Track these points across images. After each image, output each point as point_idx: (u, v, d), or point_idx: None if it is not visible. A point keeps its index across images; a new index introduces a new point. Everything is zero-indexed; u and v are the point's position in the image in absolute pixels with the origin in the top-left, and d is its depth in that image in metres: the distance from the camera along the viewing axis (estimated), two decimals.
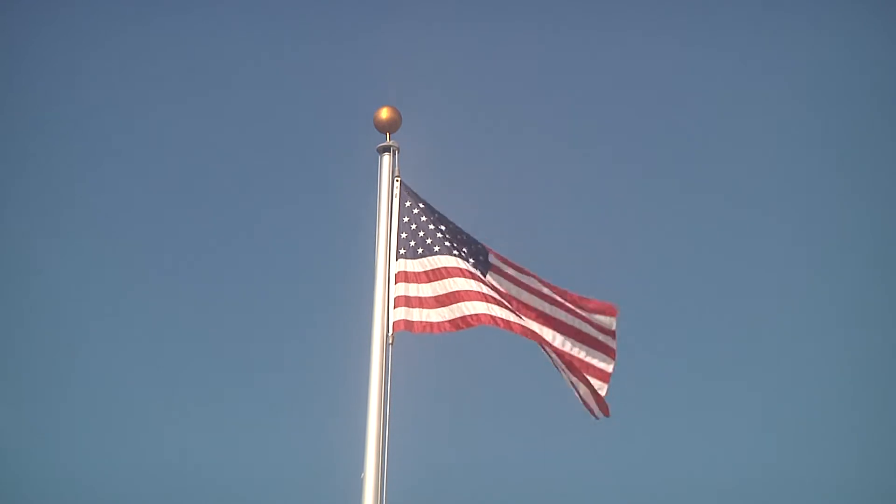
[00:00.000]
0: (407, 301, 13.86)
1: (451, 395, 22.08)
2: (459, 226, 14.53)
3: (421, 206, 14.38)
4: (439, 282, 14.06)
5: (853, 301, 28.31)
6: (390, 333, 13.63)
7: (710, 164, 30.68)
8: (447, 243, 14.26)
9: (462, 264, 14.15)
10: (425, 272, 14.10)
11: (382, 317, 13.70)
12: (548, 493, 24.48)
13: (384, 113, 14.54)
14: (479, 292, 13.95)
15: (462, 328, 13.90)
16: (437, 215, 14.41)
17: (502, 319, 13.81)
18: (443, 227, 14.35)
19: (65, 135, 29.87)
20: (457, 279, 14.06)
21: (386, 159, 14.44)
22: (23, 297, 27.35)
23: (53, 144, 29.46)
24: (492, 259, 14.43)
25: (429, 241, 14.25)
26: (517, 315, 13.96)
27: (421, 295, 13.97)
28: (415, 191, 14.45)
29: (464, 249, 14.33)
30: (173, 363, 27.60)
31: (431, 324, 13.89)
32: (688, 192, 30.68)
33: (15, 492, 24.14)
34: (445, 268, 14.12)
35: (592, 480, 25.38)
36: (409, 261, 14.12)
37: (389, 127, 14.51)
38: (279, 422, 26.06)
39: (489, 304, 13.89)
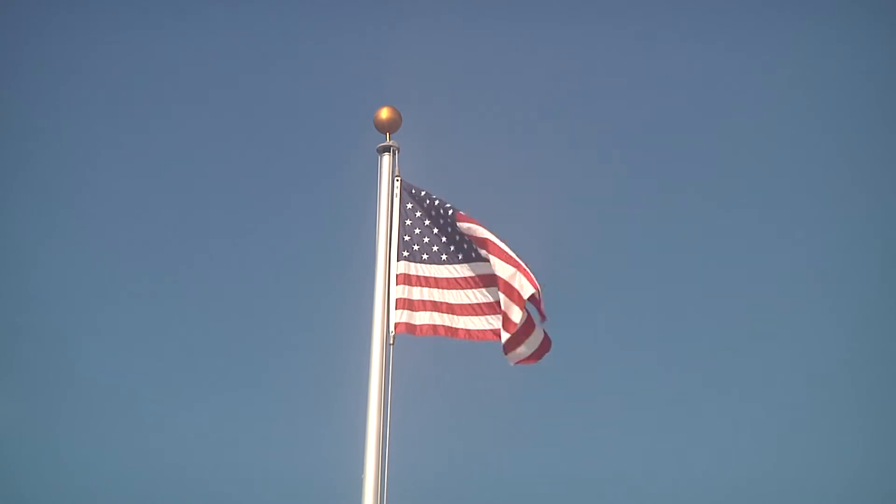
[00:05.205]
0: (409, 304, 13.91)
1: (451, 395, 22.09)
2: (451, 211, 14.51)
3: (424, 206, 14.41)
4: (446, 290, 14.12)
5: (853, 301, 28.33)
6: (391, 333, 13.66)
7: (712, 165, 30.71)
8: (452, 247, 14.32)
9: (468, 271, 14.24)
10: (433, 278, 14.16)
11: (382, 317, 13.73)
12: (547, 493, 24.50)
13: (384, 113, 14.56)
14: (479, 304, 14.08)
15: (462, 338, 14.00)
16: (437, 214, 14.42)
17: (493, 330, 14.03)
18: (446, 230, 14.38)
19: (64, 134, 29.90)
20: (461, 292, 14.16)
21: (386, 159, 14.46)
22: (24, 296, 27.38)
23: (53, 144, 29.49)
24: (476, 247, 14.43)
25: (435, 248, 14.32)
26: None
27: (424, 298, 14.03)
28: (416, 186, 14.48)
29: (464, 246, 14.36)
30: (173, 363, 27.62)
31: (435, 326, 13.95)
32: (686, 193, 30.70)
33: (15, 490, 24.16)
34: (448, 279, 14.20)
35: (592, 480, 25.39)
36: (412, 264, 14.17)
37: (389, 127, 14.53)
38: (279, 422, 26.07)
39: (490, 317, 14.04)
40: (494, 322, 14.10)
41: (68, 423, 25.99)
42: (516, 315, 13.80)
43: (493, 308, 14.16)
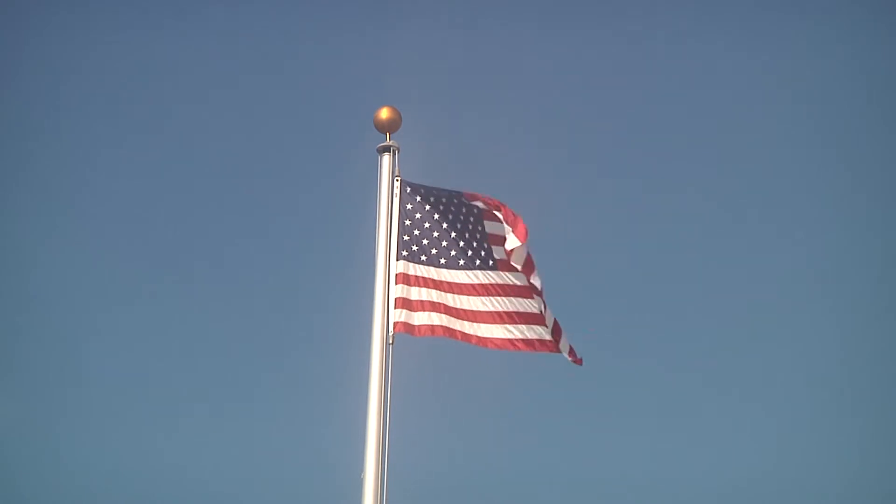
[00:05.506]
0: (408, 304, 13.91)
1: (451, 395, 22.09)
2: (459, 206, 14.52)
3: (425, 209, 14.41)
4: (445, 293, 14.14)
5: (853, 301, 28.33)
6: (391, 333, 13.66)
7: (712, 165, 30.71)
8: (452, 252, 14.32)
9: (465, 278, 14.26)
10: (431, 279, 14.16)
11: (382, 317, 13.72)
12: (547, 493, 24.51)
13: (384, 113, 14.56)
14: (477, 311, 14.11)
15: (459, 340, 14.03)
16: (441, 216, 14.43)
17: (492, 340, 14.08)
18: (446, 231, 14.38)
19: (64, 134, 29.91)
20: (458, 297, 14.17)
21: (386, 159, 14.45)
22: (24, 296, 27.38)
23: (53, 144, 29.49)
24: (495, 251, 14.44)
25: (434, 251, 14.32)
26: (506, 329, 14.16)
27: (423, 298, 14.03)
28: (419, 184, 14.49)
29: (468, 253, 14.37)
30: (173, 363, 27.62)
31: (433, 327, 13.95)
32: (686, 193, 30.70)
33: (15, 490, 24.15)
34: (449, 283, 14.21)
35: (592, 480, 25.39)
36: (411, 264, 14.17)
37: (389, 127, 14.53)
38: (279, 422, 26.08)
39: (487, 325, 14.10)
40: (495, 331, 14.14)
41: (68, 423, 26.01)
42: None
43: (493, 317, 14.19)
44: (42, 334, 27.27)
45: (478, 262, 14.37)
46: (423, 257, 14.27)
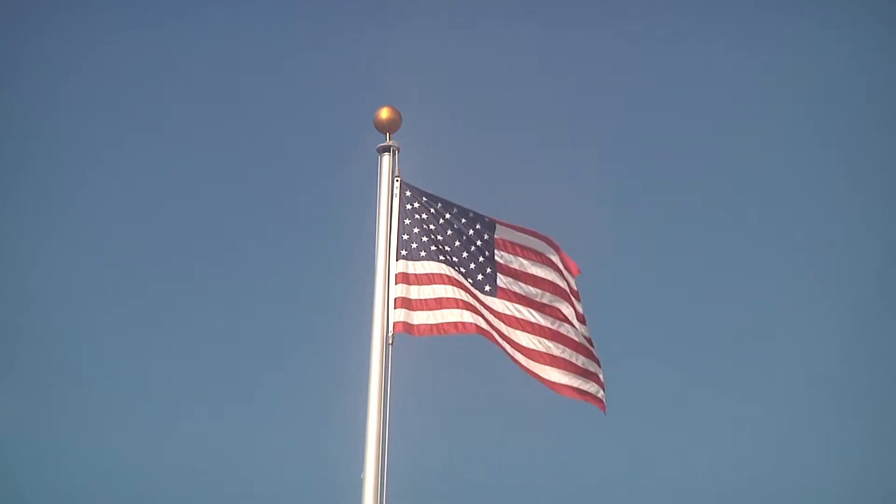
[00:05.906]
0: (407, 303, 13.90)
1: (450, 395, 22.09)
2: (466, 226, 14.54)
3: (428, 211, 14.40)
4: (441, 286, 14.12)
5: (853, 301, 28.33)
6: (390, 334, 13.66)
7: (712, 165, 30.72)
8: (453, 258, 14.31)
9: (465, 283, 14.24)
10: (428, 275, 14.15)
11: (382, 317, 13.72)
12: (547, 493, 24.50)
13: (384, 113, 14.56)
14: (476, 308, 14.11)
15: (461, 332, 14.02)
16: (436, 226, 14.41)
17: (496, 341, 14.13)
18: (442, 243, 14.37)
19: (64, 134, 29.91)
20: (457, 289, 14.16)
21: (386, 159, 14.45)
22: (24, 296, 27.38)
23: (53, 144, 29.50)
24: (500, 280, 14.44)
25: (433, 248, 14.30)
26: (508, 343, 14.20)
27: (422, 297, 14.02)
28: (419, 188, 14.48)
29: (469, 266, 14.35)
30: (173, 363, 27.62)
31: (432, 326, 13.94)
32: (686, 193, 30.71)
33: (15, 490, 24.16)
34: (449, 276, 14.19)
35: (592, 480, 25.40)
36: (410, 262, 14.16)
37: (389, 127, 14.53)
38: (279, 422, 26.08)
39: (490, 328, 14.12)
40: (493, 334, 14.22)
41: (68, 423, 26.02)
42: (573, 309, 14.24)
43: (487, 323, 14.24)
44: (42, 334, 27.30)
45: (469, 281, 14.34)
46: (423, 253, 14.26)
